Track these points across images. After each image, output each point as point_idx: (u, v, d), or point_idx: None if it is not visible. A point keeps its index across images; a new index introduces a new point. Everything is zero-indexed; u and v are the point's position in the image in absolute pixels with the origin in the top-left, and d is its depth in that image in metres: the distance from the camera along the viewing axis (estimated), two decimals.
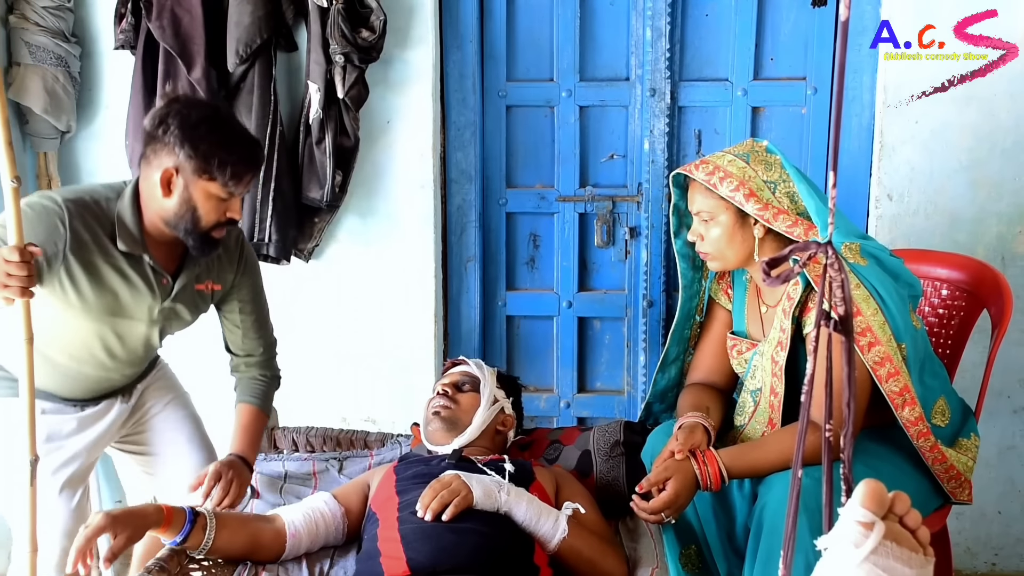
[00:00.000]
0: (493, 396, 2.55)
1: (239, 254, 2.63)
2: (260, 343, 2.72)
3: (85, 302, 2.35)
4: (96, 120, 3.39)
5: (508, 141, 3.45)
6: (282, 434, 2.93)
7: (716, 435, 2.37)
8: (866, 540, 1.07)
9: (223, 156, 2.25)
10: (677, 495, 2.17)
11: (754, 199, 2.22)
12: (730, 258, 2.33)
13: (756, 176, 2.25)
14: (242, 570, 2.19)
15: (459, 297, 3.54)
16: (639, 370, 3.50)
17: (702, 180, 2.28)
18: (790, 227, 2.20)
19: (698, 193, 2.33)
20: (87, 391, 2.54)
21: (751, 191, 2.23)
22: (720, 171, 2.27)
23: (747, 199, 2.22)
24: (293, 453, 2.88)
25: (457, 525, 2.07)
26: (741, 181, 2.24)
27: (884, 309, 2.18)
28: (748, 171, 2.25)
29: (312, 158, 3.21)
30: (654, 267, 3.43)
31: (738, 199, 2.23)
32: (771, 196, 2.24)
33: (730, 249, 2.31)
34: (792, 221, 2.21)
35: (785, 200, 2.24)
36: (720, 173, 2.26)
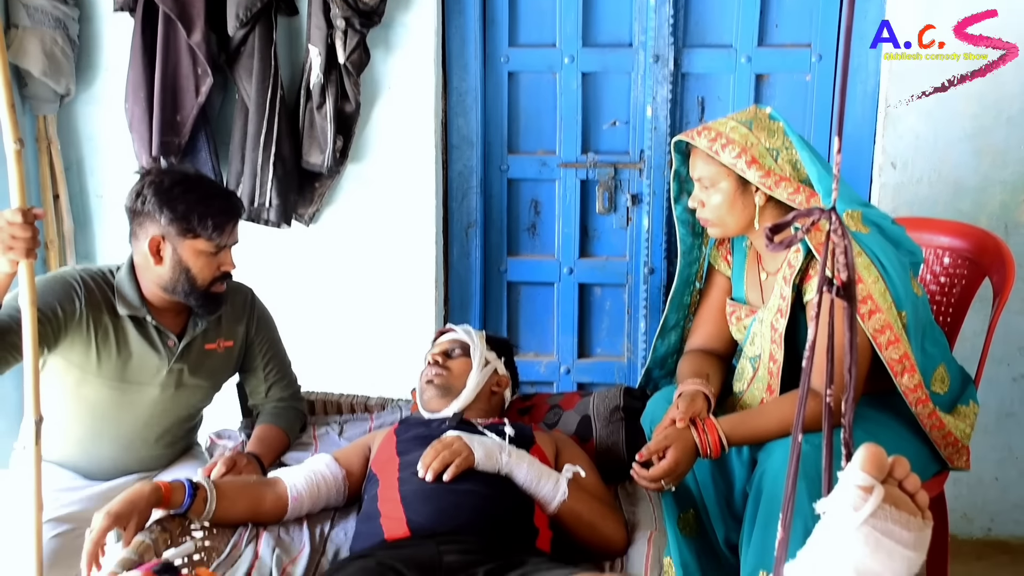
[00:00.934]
0: (484, 358, 2.56)
1: (249, 308, 2.68)
2: (286, 390, 2.77)
3: (99, 364, 2.42)
4: (95, 83, 3.38)
5: (510, 107, 3.44)
6: None
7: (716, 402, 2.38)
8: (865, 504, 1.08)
9: (201, 211, 2.34)
10: (677, 463, 2.18)
11: (756, 166, 2.22)
12: (730, 225, 2.33)
13: (758, 143, 2.24)
14: (243, 531, 2.21)
15: (460, 263, 3.54)
16: (639, 336, 3.51)
17: (704, 147, 2.28)
18: (792, 194, 2.20)
19: (699, 160, 2.32)
20: (105, 469, 2.55)
21: (753, 158, 2.22)
22: (722, 138, 2.26)
23: (749, 166, 2.22)
24: None
25: (457, 486, 2.09)
26: (743, 148, 2.23)
27: (885, 277, 2.19)
28: (750, 138, 2.24)
29: (313, 123, 3.20)
30: (655, 234, 3.43)
31: (740, 166, 2.23)
32: (773, 163, 2.23)
33: (731, 216, 2.31)
34: (794, 188, 2.21)
35: (787, 167, 2.24)
36: (722, 140, 2.26)
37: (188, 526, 2.17)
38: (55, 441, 2.51)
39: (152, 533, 2.05)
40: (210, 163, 3.23)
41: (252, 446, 2.56)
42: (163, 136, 3.14)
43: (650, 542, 2.15)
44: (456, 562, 1.86)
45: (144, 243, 2.38)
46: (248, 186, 3.17)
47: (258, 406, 2.75)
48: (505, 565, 1.83)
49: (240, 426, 2.78)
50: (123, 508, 2.03)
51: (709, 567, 2.37)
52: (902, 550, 1.09)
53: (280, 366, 2.75)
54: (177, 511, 2.13)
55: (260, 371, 2.71)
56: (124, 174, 3.28)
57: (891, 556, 1.09)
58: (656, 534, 2.19)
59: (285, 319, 2.80)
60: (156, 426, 2.55)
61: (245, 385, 2.77)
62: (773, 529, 2.10)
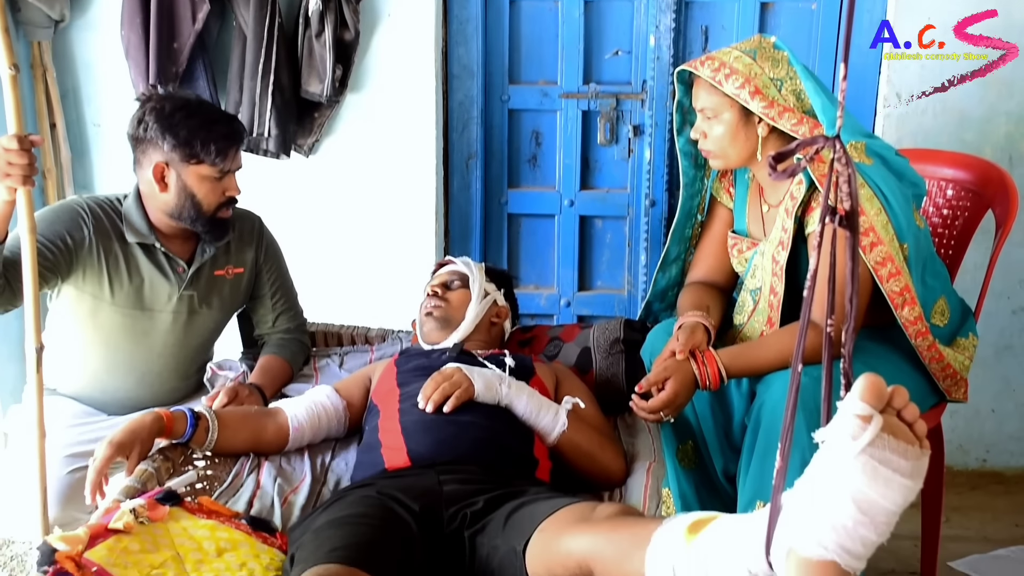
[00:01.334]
0: (483, 290, 2.56)
1: (258, 235, 2.68)
2: (293, 320, 2.78)
3: (112, 292, 2.43)
4: (91, 8, 3.32)
5: (511, 36, 3.39)
6: None
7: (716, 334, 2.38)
8: (863, 433, 1.09)
9: (204, 136, 2.34)
10: (676, 395, 2.19)
11: (759, 97, 2.20)
12: (733, 156, 2.32)
13: (762, 73, 2.22)
14: (245, 461, 2.23)
15: (460, 195, 3.52)
16: (640, 269, 3.50)
17: (707, 77, 2.25)
18: (795, 125, 2.18)
19: (702, 90, 2.30)
20: (120, 404, 2.56)
21: (757, 88, 2.20)
22: (726, 68, 2.23)
23: (752, 96, 2.20)
24: None
25: (457, 417, 2.10)
26: (747, 78, 2.21)
27: (888, 209, 2.18)
28: (754, 68, 2.22)
29: (311, 51, 3.16)
30: (657, 166, 3.40)
31: (743, 96, 2.20)
32: (777, 94, 2.21)
33: (733, 147, 2.29)
34: (797, 119, 2.19)
35: (791, 98, 2.22)
36: (726, 70, 2.23)
37: (190, 455, 2.19)
38: (71, 374, 2.53)
39: (155, 462, 2.07)
40: (208, 92, 3.20)
41: (255, 377, 2.57)
42: (160, 64, 3.10)
43: (649, 473, 2.16)
44: (456, 491, 1.88)
45: (148, 170, 2.38)
46: (247, 116, 3.14)
47: (263, 336, 2.76)
48: (505, 495, 1.85)
49: (241, 357, 2.79)
50: (126, 437, 2.04)
51: (707, 498, 2.39)
52: (899, 479, 1.10)
53: (287, 296, 2.76)
54: (179, 440, 2.15)
55: (268, 300, 2.72)
56: (121, 102, 3.26)
57: (888, 485, 1.10)
58: (655, 465, 2.20)
59: (286, 251, 2.79)
60: (169, 356, 2.57)
61: (252, 315, 2.77)
62: (771, 460, 2.12)
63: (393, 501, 1.82)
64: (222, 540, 1.78)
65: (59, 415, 2.46)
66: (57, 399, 2.51)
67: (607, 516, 1.59)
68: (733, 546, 1.28)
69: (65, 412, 2.49)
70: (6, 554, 2.83)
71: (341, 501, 1.85)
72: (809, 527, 1.14)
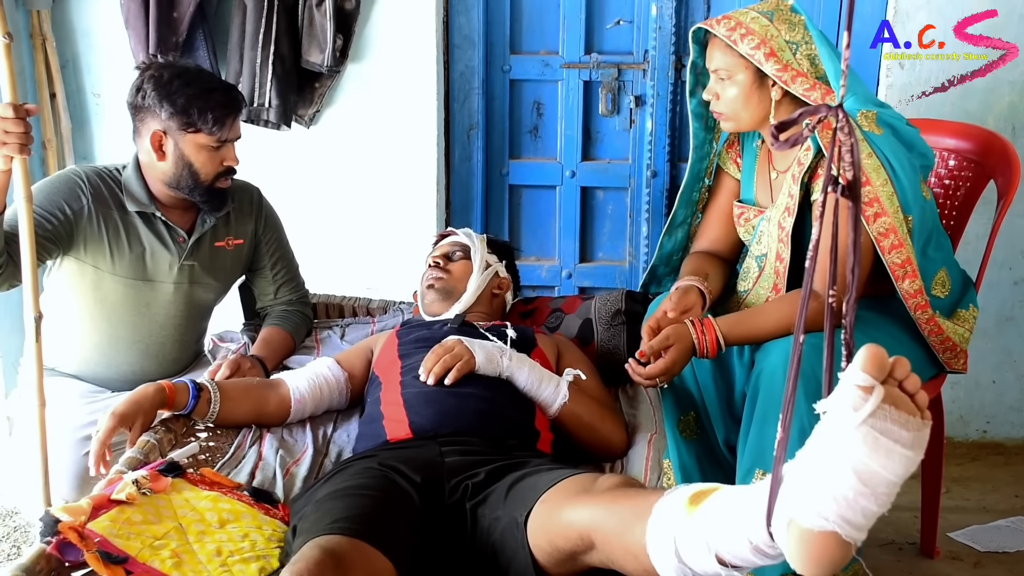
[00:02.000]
0: (485, 261, 2.56)
1: (258, 207, 2.68)
2: (294, 291, 2.78)
3: (113, 262, 2.42)
4: None
5: (512, 5, 3.37)
6: None
7: (719, 301, 2.37)
8: (865, 403, 1.08)
9: (201, 105, 2.33)
10: (673, 362, 2.20)
11: (774, 59, 2.19)
12: (744, 119, 2.31)
13: (778, 35, 2.21)
14: (247, 433, 2.23)
15: (461, 166, 3.51)
16: (641, 241, 3.50)
17: (723, 35, 2.24)
18: (807, 90, 2.17)
19: (717, 49, 2.29)
20: (124, 379, 2.54)
21: (772, 51, 2.19)
22: (742, 27, 2.23)
23: (767, 58, 2.19)
24: None
25: (459, 389, 2.10)
26: (763, 39, 2.20)
27: (894, 180, 2.17)
28: (771, 29, 2.21)
29: (312, 21, 3.14)
30: (659, 137, 3.39)
31: (758, 58, 2.20)
32: (791, 57, 2.20)
33: (745, 110, 2.29)
34: (810, 85, 2.18)
35: (805, 63, 2.21)
36: (742, 30, 2.22)
37: (192, 427, 2.20)
38: (72, 351, 2.53)
39: (157, 433, 2.07)
40: (208, 61, 3.18)
41: (257, 349, 2.57)
42: (160, 33, 3.08)
43: (650, 444, 2.17)
44: (457, 462, 1.88)
45: (147, 139, 2.37)
46: (247, 86, 3.13)
47: (266, 308, 2.76)
48: (506, 466, 1.85)
49: (242, 329, 2.79)
50: (128, 409, 2.05)
51: (709, 469, 2.40)
52: (901, 449, 1.10)
53: (288, 267, 2.76)
54: (181, 412, 2.15)
55: (268, 271, 2.72)
56: (122, 72, 3.24)
57: (889, 456, 1.10)
58: (656, 436, 2.21)
59: (286, 222, 2.78)
60: (171, 328, 2.57)
61: (253, 287, 2.77)
62: (769, 429, 2.12)
63: (395, 473, 1.82)
64: (224, 511, 1.79)
65: (63, 395, 2.46)
66: (58, 379, 2.50)
67: (608, 487, 1.59)
68: (734, 517, 1.28)
69: (69, 392, 2.49)
70: (10, 524, 2.85)
71: (343, 473, 1.86)
72: (810, 498, 1.14)
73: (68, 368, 2.54)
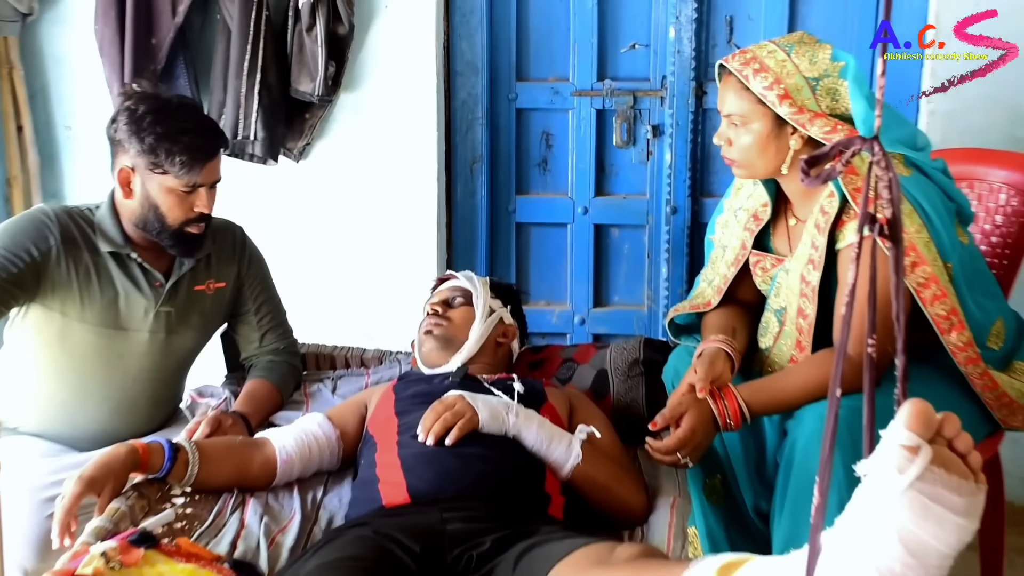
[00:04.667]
0: (488, 307, 2.55)
1: (241, 248, 2.68)
2: (281, 340, 2.77)
3: (83, 308, 2.42)
4: (62, 1, 3.34)
5: (519, 28, 3.40)
6: None
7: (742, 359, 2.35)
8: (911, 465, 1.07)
9: (169, 147, 2.32)
10: (692, 432, 2.15)
11: (788, 101, 2.16)
12: (759, 168, 2.29)
13: (795, 73, 2.18)
14: (228, 498, 2.21)
15: (464, 202, 3.52)
16: (661, 283, 3.49)
17: (735, 70, 2.23)
18: (828, 134, 2.15)
19: (730, 91, 2.26)
20: (92, 439, 2.53)
21: (786, 91, 2.16)
22: (756, 62, 2.20)
23: (780, 100, 2.16)
24: None
25: (461, 450, 2.08)
26: (777, 78, 2.17)
27: (929, 226, 2.15)
28: (787, 65, 2.19)
29: (302, 47, 3.17)
30: (679, 169, 3.40)
31: (770, 99, 2.17)
32: (809, 97, 2.17)
33: (761, 159, 2.26)
34: (830, 127, 2.15)
35: (825, 99, 2.18)
36: (755, 64, 2.20)
37: (168, 492, 2.18)
38: (35, 408, 2.52)
39: (128, 499, 2.05)
40: (189, 91, 3.21)
41: (240, 404, 2.56)
42: (137, 61, 3.11)
43: (673, 509, 2.15)
44: (460, 530, 1.87)
45: (116, 173, 2.38)
46: (231, 117, 3.15)
47: (251, 359, 2.75)
48: (514, 534, 1.83)
49: (223, 383, 2.78)
50: (97, 472, 2.03)
51: (738, 537, 2.36)
52: (953, 517, 1.08)
53: (274, 312, 2.76)
54: (156, 475, 2.13)
55: (252, 316, 2.71)
56: (95, 103, 3.27)
57: (940, 524, 1.08)
58: (680, 500, 2.19)
59: (272, 265, 2.79)
60: (145, 381, 2.56)
61: (236, 335, 2.76)
62: (805, 508, 2.09)
63: (391, 542, 1.81)
64: None
65: (23, 454, 2.44)
66: (20, 439, 2.49)
67: (628, 558, 1.57)
68: None
69: (32, 452, 2.47)
70: None
71: (334, 542, 1.84)
72: (852, 570, 1.12)
73: (30, 427, 2.53)
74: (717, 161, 3.41)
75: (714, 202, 3.20)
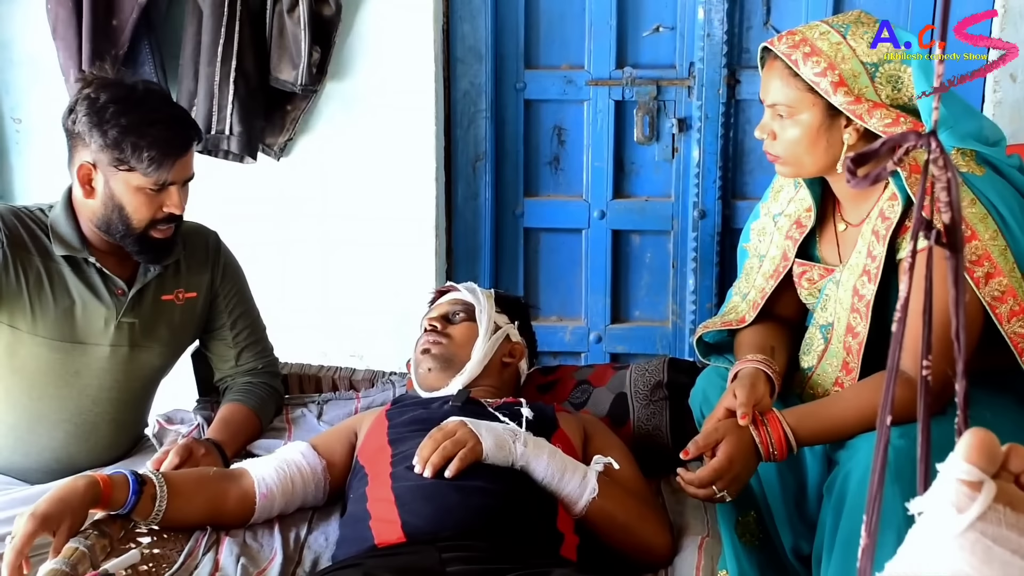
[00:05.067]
0: (493, 323, 2.56)
1: (215, 255, 2.69)
2: (260, 358, 2.78)
3: (34, 319, 2.42)
4: None
5: (527, 10, 3.41)
6: None
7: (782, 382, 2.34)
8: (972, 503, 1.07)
9: (135, 140, 2.32)
10: (731, 461, 2.13)
11: (843, 89, 2.14)
12: (807, 165, 2.26)
13: (852, 57, 2.15)
14: (201, 536, 2.21)
15: (465, 205, 3.53)
16: (687, 296, 3.50)
17: (782, 53, 2.18)
18: (888, 126, 2.12)
19: (776, 77, 2.24)
20: (46, 469, 2.53)
21: (841, 78, 2.14)
22: (807, 44, 2.17)
23: (835, 88, 2.13)
24: None
25: (463, 483, 2.08)
26: (830, 63, 2.14)
27: (1005, 231, 2.13)
28: (843, 49, 2.15)
29: (283, 30, 3.18)
30: (708, 168, 3.40)
31: (823, 86, 2.14)
32: (867, 85, 2.15)
33: (810, 155, 2.23)
34: (892, 119, 2.13)
35: (886, 87, 2.16)
36: (806, 47, 2.16)
37: (133, 530, 2.18)
38: None
39: (88, 539, 2.05)
40: (155, 78, 3.21)
41: (214, 431, 2.56)
42: (95, 44, 3.12)
43: (701, 550, 2.15)
44: (462, 572, 1.87)
45: (75, 170, 2.39)
46: (203, 110, 3.16)
47: (226, 380, 2.76)
48: None
49: (195, 407, 2.78)
50: (53, 508, 2.02)
51: None
52: (1019, 562, 1.08)
53: (252, 327, 2.76)
54: (119, 511, 2.13)
55: (227, 331, 2.71)
56: (48, 92, 3.28)
57: (1006, 569, 1.07)
58: (709, 540, 2.19)
59: (250, 274, 2.80)
60: (106, 402, 2.55)
61: (210, 352, 2.77)
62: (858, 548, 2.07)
63: None
64: None
65: None
66: None
67: None
68: None
69: None
70: None
71: None
72: None
73: None
74: (751, 159, 3.41)
75: (748, 205, 3.22)
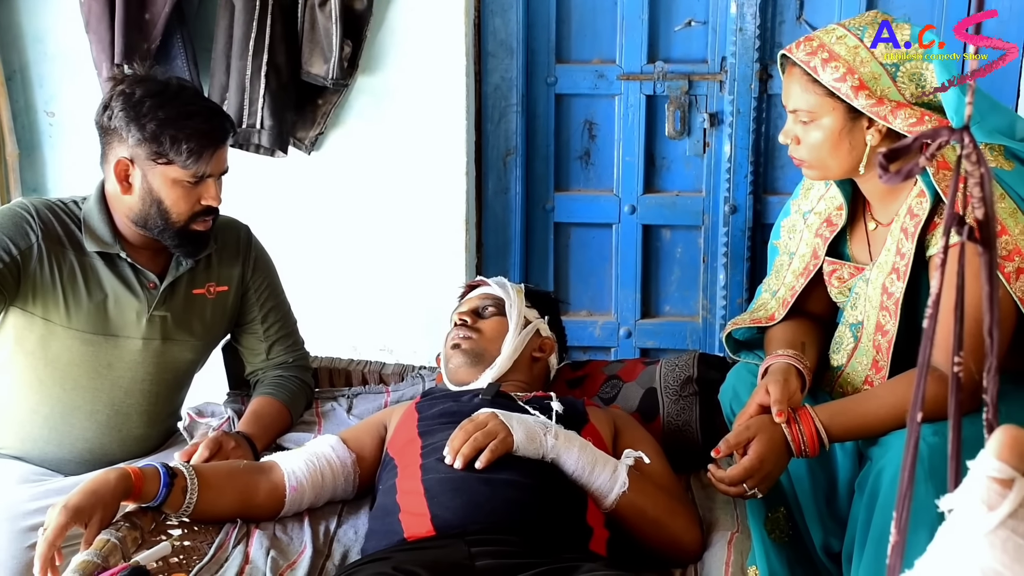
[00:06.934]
0: (523, 317, 2.56)
1: (246, 248, 2.70)
2: (291, 352, 2.79)
3: (68, 313, 2.44)
4: None
5: (559, 4, 3.40)
6: None
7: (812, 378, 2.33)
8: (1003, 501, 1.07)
9: (174, 133, 2.34)
10: (762, 459, 2.14)
11: (865, 92, 2.14)
12: (832, 167, 2.27)
13: (871, 60, 2.16)
14: (231, 529, 2.22)
15: (496, 199, 3.53)
16: (718, 291, 3.49)
17: (800, 60, 2.20)
18: (913, 125, 2.13)
19: (795, 82, 2.25)
20: (79, 460, 2.55)
21: (861, 82, 2.14)
22: (824, 50, 2.18)
23: (856, 92, 2.13)
24: None
25: (493, 475, 2.09)
26: (849, 68, 2.15)
27: None
28: (861, 52, 2.16)
29: (314, 24, 3.18)
30: (739, 163, 3.39)
31: (844, 91, 2.15)
32: (889, 84, 2.15)
33: (833, 158, 2.24)
34: (916, 118, 2.13)
35: (909, 86, 2.16)
36: (824, 53, 2.18)
37: (163, 522, 2.19)
38: (16, 426, 2.53)
39: (119, 531, 2.06)
40: (187, 74, 3.22)
41: (244, 424, 2.57)
42: (128, 39, 3.12)
43: (730, 546, 2.15)
44: (491, 566, 1.87)
45: (112, 166, 2.40)
46: (234, 103, 3.17)
47: (257, 373, 2.77)
48: (551, 571, 1.84)
49: (225, 401, 2.80)
50: (84, 500, 2.03)
51: None
52: None
53: (284, 321, 2.78)
54: (150, 504, 2.15)
55: (259, 325, 2.73)
56: (81, 86, 3.29)
57: None
58: (738, 536, 2.19)
59: (281, 268, 2.80)
60: (138, 394, 2.57)
61: (241, 346, 2.78)
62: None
63: None
64: None
65: (4, 480, 2.46)
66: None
67: None
68: None
69: (9, 474, 2.49)
70: None
71: None
72: None
73: (9, 448, 2.55)
74: (783, 154, 3.40)
75: (779, 200, 3.21)
